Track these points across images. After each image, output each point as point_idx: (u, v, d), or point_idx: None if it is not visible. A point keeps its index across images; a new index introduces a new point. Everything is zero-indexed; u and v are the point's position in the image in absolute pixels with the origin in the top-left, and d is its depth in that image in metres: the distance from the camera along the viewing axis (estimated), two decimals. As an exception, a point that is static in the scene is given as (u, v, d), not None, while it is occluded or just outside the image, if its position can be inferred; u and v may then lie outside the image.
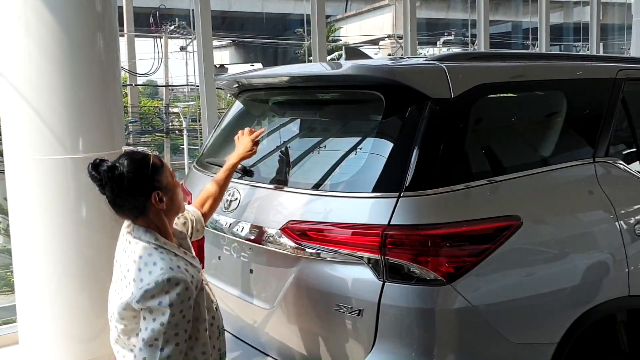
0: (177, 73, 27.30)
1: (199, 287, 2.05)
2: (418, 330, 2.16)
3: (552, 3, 10.49)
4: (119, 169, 2.01)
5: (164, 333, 1.92)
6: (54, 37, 3.74)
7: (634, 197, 2.74)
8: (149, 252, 2.01)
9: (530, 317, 2.32)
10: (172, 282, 1.92)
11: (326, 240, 2.30)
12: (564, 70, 2.79)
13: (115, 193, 2.02)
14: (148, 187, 2.03)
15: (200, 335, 2.08)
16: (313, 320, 2.39)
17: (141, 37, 21.06)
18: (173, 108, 22.12)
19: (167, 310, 1.91)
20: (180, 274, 1.96)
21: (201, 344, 2.09)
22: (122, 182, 2.00)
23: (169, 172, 2.12)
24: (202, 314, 2.08)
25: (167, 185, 2.09)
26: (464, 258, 2.18)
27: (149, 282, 1.93)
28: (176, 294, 1.92)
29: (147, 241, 2.04)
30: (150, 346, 1.93)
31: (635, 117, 2.92)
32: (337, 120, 2.74)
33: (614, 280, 2.54)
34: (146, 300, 1.92)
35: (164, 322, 1.92)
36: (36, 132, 3.78)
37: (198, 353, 2.08)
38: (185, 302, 1.95)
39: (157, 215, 2.08)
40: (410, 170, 2.22)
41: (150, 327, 1.93)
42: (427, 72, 2.41)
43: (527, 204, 2.39)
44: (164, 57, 19.26)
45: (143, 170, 2.04)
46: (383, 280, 2.18)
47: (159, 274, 1.94)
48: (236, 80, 3.03)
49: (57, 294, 3.89)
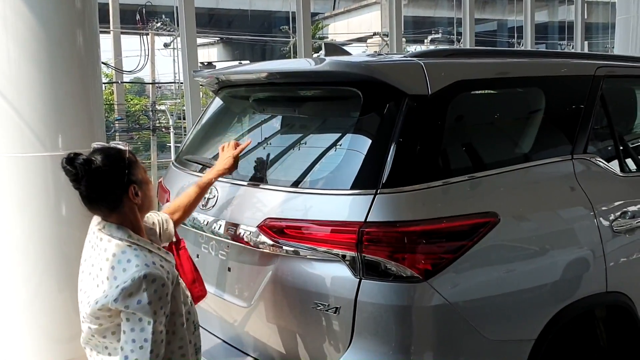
0: (165, 70, 27.18)
1: (175, 282, 2.02)
2: (395, 327, 2.15)
3: (537, 2, 10.54)
4: (95, 162, 1.97)
5: (152, 333, 1.88)
6: (32, 33, 3.70)
7: (612, 194, 2.75)
8: (122, 250, 1.97)
9: (507, 314, 2.32)
10: (149, 279, 1.89)
11: (303, 238, 2.29)
12: (542, 67, 2.79)
13: (91, 187, 1.97)
14: (125, 181, 2.00)
15: (177, 329, 2.06)
16: (290, 318, 2.38)
17: (127, 34, 20.94)
18: (160, 106, 22.00)
19: (148, 309, 1.88)
20: (156, 270, 1.93)
21: (178, 338, 2.06)
22: (98, 176, 1.96)
23: (142, 167, 2.10)
24: (178, 308, 2.05)
25: (141, 180, 2.07)
26: (441, 255, 2.17)
27: (125, 279, 1.89)
28: (154, 291, 1.89)
29: (120, 238, 2.00)
30: (141, 348, 1.89)
31: (614, 114, 2.93)
32: (315, 117, 2.72)
33: (592, 276, 2.55)
34: (125, 299, 1.88)
35: (150, 321, 1.88)
36: (15, 129, 3.74)
37: (175, 347, 2.05)
38: (164, 298, 1.92)
39: (131, 211, 2.05)
40: (387, 167, 2.21)
41: (139, 328, 1.89)
42: (404, 68, 2.41)
43: (505, 200, 2.39)
44: (150, 54, 19.15)
45: (119, 164, 2.01)
46: (359, 277, 2.17)
47: (134, 271, 1.90)
48: (215, 77, 3.00)
49: (37, 294, 3.85)
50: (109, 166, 1.99)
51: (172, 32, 19.15)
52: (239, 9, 24.53)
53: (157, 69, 20.52)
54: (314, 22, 22.34)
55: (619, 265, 2.65)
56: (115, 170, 1.99)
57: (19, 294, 3.88)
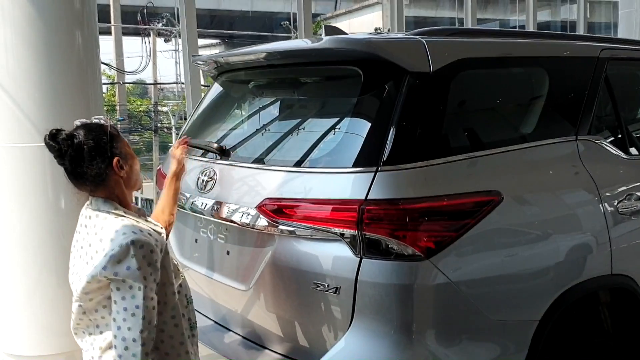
0: (167, 72, 27.18)
1: (164, 250, 2.00)
2: (396, 306, 2.11)
3: (539, 1, 10.51)
4: (78, 137, 1.97)
5: (143, 299, 1.87)
6: (30, 23, 3.68)
7: (617, 176, 2.71)
8: (109, 222, 1.96)
9: (510, 294, 2.28)
10: (137, 245, 1.88)
11: (303, 217, 2.25)
12: (546, 47, 2.75)
13: (75, 162, 1.97)
14: (108, 154, 2.00)
15: (169, 299, 2.03)
16: (290, 299, 2.34)
17: (129, 35, 20.95)
18: (162, 107, 22.01)
19: (138, 275, 1.86)
20: (143, 236, 1.91)
21: (170, 308, 2.04)
22: (82, 150, 1.96)
23: (126, 142, 2.10)
24: (169, 278, 2.03)
25: (126, 154, 2.07)
26: (443, 233, 2.13)
27: (113, 247, 1.88)
28: (142, 256, 1.88)
29: (107, 211, 2.00)
30: (133, 315, 1.87)
31: (619, 97, 2.88)
32: (315, 98, 2.69)
33: (597, 258, 2.50)
34: (113, 266, 1.86)
35: (140, 287, 1.87)
36: (13, 119, 3.73)
37: (167, 317, 2.03)
38: (153, 265, 1.90)
39: (117, 184, 2.04)
40: (388, 145, 2.17)
41: (129, 296, 1.88)
42: (405, 45, 2.37)
43: (509, 179, 2.35)
44: (152, 55, 19.16)
45: (102, 137, 2.01)
46: (360, 256, 2.13)
47: (122, 238, 1.89)
48: (214, 60, 2.97)
49: (36, 287, 3.82)
50: (92, 140, 1.98)
51: (173, 33, 19.16)
52: (241, 10, 24.55)
53: (159, 70, 20.54)
54: (315, 23, 22.32)
55: (624, 248, 2.61)
56: (98, 144, 1.99)
57: (17, 288, 3.85)
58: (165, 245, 2.03)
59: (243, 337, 2.58)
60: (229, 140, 2.79)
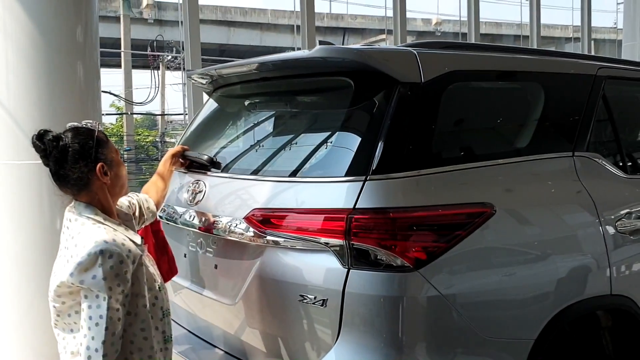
0: (175, 104, 27.45)
1: (137, 262, 1.97)
2: (385, 319, 2.04)
3: (543, 38, 10.57)
4: (64, 140, 1.98)
5: (107, 309, 1.86)
6: (33, 43, 3.71)
7: (614, 193, 2.66)
8: (86, 228, 1.96)
9: (504, 311, 2.20)
10: (105, 255, 1.87)
11: (290, 227, 2.20)
12: (542, 63, 2.72)
13: (59, 164, 1.98)
14: (93, 159, 2.00)
15: (139, 311, 2.00)
16: (276, 312, 2.27)
17: (139, 68, 21.20)
18: (170, 138, 22.13)
19: (102, 285, 1.85)
20: (114, 247, 1.89)
21: (140, 321, 2.00)
22: (66, 152, 1.97)
23: (113, 148, 2.10)
24: (141, 290, 2.00)
25: (112, 161, 2.07)
26: (433, 244, 2.07)
27: (82, 254, 1.87)
28: (109, 267, 1.86)
29: (87, 216, 2.00)
30: (97, 325, 1.87)
31: (617, 115, 2.84)
32: (306, 109, 2.67)
33: (595, 277, 2.43)
34: (80, 273, 1.86)
35: (105, 297, 1.86)
36: (10, 136, 3.72)
37: (137, 330, 1.99)
38: (121, 275, 1.88)
39: (100, 190, 2.04)
40: (378, 153, 2.13)
41: (95, 305, 1.87)
42: (397, 56, 2.34)
43: (501, 192, 2.30)
44: (160, 87, 19.36)
45: (88, 141, 2.01)
46: (348, 267, 2.07)
47: (92, 247, 1.88)
48: (209, 75, 2.96)
49: (29, 310, 3.76)
50: (78, 143, 1.99)
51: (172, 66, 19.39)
52: (249, 45, 24.85)
53: (167, 102, 20.72)
54: (323, 58, 22.49)
55: (624, 267, 2.53)
56: (83, 147, 1.99)
57: (10, 310, 3.78)
58: (140, 256, 2.00)
59: (229, 353, 2.50)
60: (220, 153, 2.76)
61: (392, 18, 7.94)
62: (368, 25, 25.40)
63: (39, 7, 3.76)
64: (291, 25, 25.26)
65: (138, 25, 21.26)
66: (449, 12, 26.23)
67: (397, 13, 7.83)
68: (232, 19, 24.53)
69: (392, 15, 8.00)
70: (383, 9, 24.11)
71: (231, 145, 2.77)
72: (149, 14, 21.93)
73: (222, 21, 23.35)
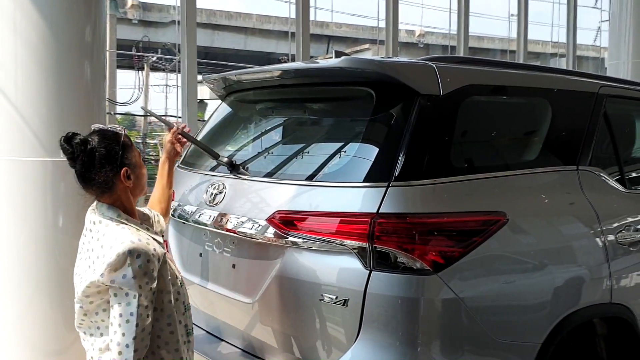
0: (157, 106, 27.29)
1: (162, 260, 2.04)
2: (403, 319, 2.14)
3: (529, 54, 10.81)
4: (91, 143, 2.05)
5: (137, 306, 1.93)
6: (43, 40, 3.72)
7: (615, 206, 2.79)
8: (110, 228, 2.03)
9: (515, 315, 2.31)
10: (133, 254, 1.93)
11: (314, 230, 2.28)
12: (549, 80, 2.85)
13: (85, 167, 2.05)
14: (118, 164, 2.07)
15: (165, 306, 2.07)
16: (296, 311, 2.35)
17: (124, 68, 21.08)
18: (151, 139, 22.00)
19: (133, 283, 1.92)
20: (141, 246, 1.96)
21: (166, 316, 2.08)
22: (93, 156, 2.04)
23: (137, 152, 2.17)
24: (166, 286, 2.08)
25: (135, 164, 2.14)
26: (452, 249, 2.17)
27: (111, 255, 1.94)
28: (138, 266, 1.93)
29: (110, 217, 2.06)
30: (127, 322, 1.93)
31: (617, 132, 2.99)
32: (326, 117, 2.75)
33: (597, 285, 2.56)
34: (110, 273, 1.92)
35: (135, 295, 1.93)
36: (18, 132, 3.73)
37: (163, 325, 2.07)
38: (149, 273, 1.96)
39: (123, 192, 2.11)
40: (400, 161, 2.23)
41: (125, 303, 1.94)
42: (417, 68, 2.45)
43: (513, 202, 2.41)
44: (144, 87, 19.28)
45: (114, 146, 2.08)
46: (370, 269, 2.17)
47: (120, 247, 1.94)
48: (225, 79, 3.03)
49: (29, 307, 3.77)
50: (104, 148, 2.06)
51: (167, 67, 19.34)
52: (234, 49, 24.86)
53: (150, 103, 20.62)
54: (307, 64, 22.52)
55: (623, 277, 2.66)
56: (109, 152, 2.06)
57: (9, 306, 3.79)
58: (164, 254, 2.08)
59: (245, 350, 2.57)
60: (239, 156, 2.83)
61: (385, 29, 8.06)
62: (353, 34, 25.61)
63: (50, 4, 3.78)
64: (276, 30, 25.38)
65: (122, 25, 21.18)
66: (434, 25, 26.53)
67: (389, 24, 7.96)
68: (217, 22, 24.54)
69: (376, 25, 8.12)
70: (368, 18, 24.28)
71: (250, 149, 2.84)
72: (134, 15, 21.86)
73: (207, 24, 23.32)
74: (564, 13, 10.56)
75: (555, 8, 18.51)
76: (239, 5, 52.30)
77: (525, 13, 9.37)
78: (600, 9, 19.75)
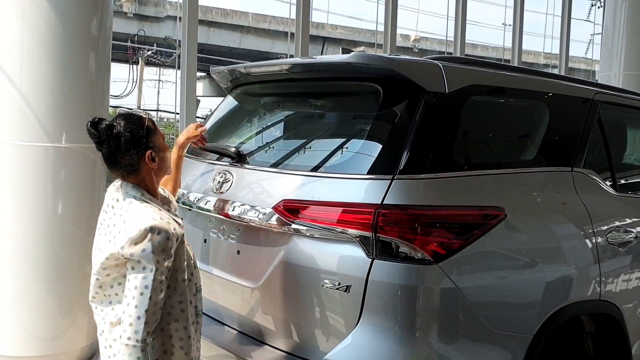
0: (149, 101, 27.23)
1: (180, 239, 2.14)
2: (403, 305, 2.23)
3: (522, 64, 10.97)
4: (117, 128, 2.13)
5: (153, 280, 2.02)
6: (49, 26, 3.77)
7: (607, 207, 2.90)
8: (134, 206, 2.12)
9: (509, 306, 2.41)
10: (155, 231, 2.03)
11: (319, 218, 2.37)
12: (547, 84, 2.96)
13: (111, 150, 2.14)
14: (142, 147, 2.16)
15: (179, 285, 2.17)
16: (299, 295, 2.43)
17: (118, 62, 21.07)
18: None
19: (151, 258, 2.01)
20: (162, 224, 2.05)
21: (179, 294, 2.17)
22: (119, 140, 2.13)
23: (160, 135, 2.25)
24: (181, 265, 2.17)
25: (159, 147, 2.22)
26: (452, 240, 2.27)
27: (133, 230, 2.04)
28: (158, 242, 2.02)
29: (134, 196, 2.15)
30: (142, 294, 2.02)
31: (609, 138, 3.10)
32: (334, 111, 2.84)
33: (587, 281, 2.66)
34: (130, 247, 2.02)
35: (152, 269, 2.02)
36: (21, 117, 3.77)
37: (175, 302, 2.17)
38: (167, 251, 2.04)
39: (147, 174, 2.20)
40: (405, 155, 2.32)
41: (141, 276, 2.03)
42: (424, 66, 2.54)
43: (511, 198, 2.51)
44: (138, 82, 19.30)
45: (139, 131, 2.17)
46: (372, 257, 2.25)
47: (142, 223, 2.04)
48: (232, 72, 3.11)
49: (25, 292, 3.81)
50: (129, 132, 2.15)
51: (167, 61, 19.37)
52: (228, 47, 24.88)
53: (143, 97, 20.64)
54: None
55: (611, 275, 2.77)
56: (134, 137, 2.15)
57: (6, 290, 3.83)
58: (182, 235, 2.16)
59: (248, 334, 2.64)
60: (246, 146, 2.91)
61: (383, 32, 8.15)
62: (348, 36, 25.72)
63: (59, -7, 3.83)
64: (272, 30, 25.45)
65: (117, 18, 21.16)
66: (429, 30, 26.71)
67: (387, 27, 8.06)
68: (213, 19, 24.56)
69: (372, 28, 8.19)
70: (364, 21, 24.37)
71: (257, 141, 2.92)
72: (129, 8, 21.85)
73: (202, 20, 23.37)
74: (557, 25, 10.75)
75: (549, 20, 18.76)
76: (235, 4, 52.29)
77: (520, 24, 9.52)
78: (593, 22, 20.03)
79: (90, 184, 3.90)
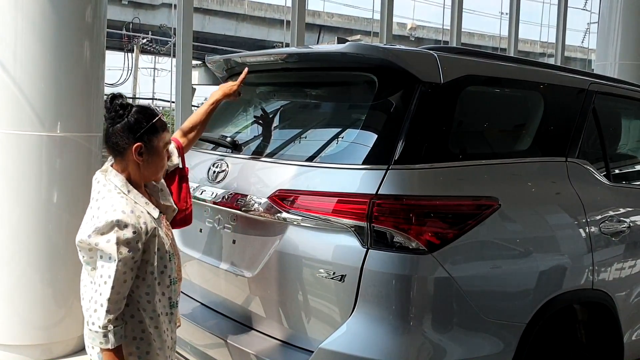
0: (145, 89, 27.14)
1: (151, 233, 2.15)
2: (397, 294, 2.24)
3: (518, 52, 10.97)
4: (128, 109, 2.16)
5: (115, 271, 2.05)
6: (43, 14, 3.75)
7: (600, 197, 2.92)
8: (110, 195, 2.14)
9: (503, 295, 2.43)
10: (121, 224, 2.05)
11: (314, 208, 2.37)
12: (542, 75, 2.97)
13: (110, 124, 2.17)
14: (136, 137, 2.16)
15: (147, 277, 2.18)
16: (294, 284, 2.44)
17: (114, 49, 20.99)
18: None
19: (114, 250, 2.04)
20: (130, 218, 2.08)
21: (146, 285, 2.19)
22: (121, 119, 2.15)
23: (163, 139, 2.24)
24: (150, 258, 2.18)
25: (152, 147, 2.20)
26: (446, 230, 2.28)
27: (101, 220, 2.07)
28: (123, 235, 2.05)
29: (114, 185, 2.17)
30: (105, 283, 2.06)
31: (604, 128, 3.11)
32: (329, 101, 2.84)
33: (580, 270, 2.69)
34: (96, 236, 2.06)
35: (115, 259, 2.05)
36: (14, 105, 3.76)
37: (142, 293, 2.18)
38: (132, 244, 2.07)
39: (133, 164, 2.20)
40: (400, 145, 2.33)
41: (106, 265, 2.06)
42: (420, 56, 2.54)
43: (505, 188, 2.52)
44: (134, 69, 19.21)
45: (142, 122, 2.17)
46: (367, 247, 2.26)
47: (110, 215, 2.07)
48: (228, 61, 3.10)
49: (19, 281, 3.83)
50: (134, 119, 2.16)
51: (162, 49, 19.30)
52: (224, 35, 24.81)
53: (139, 86, 20.57)
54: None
55: (604, 265, 2.80)
56: (135, 123, 2.16)
57: (1, 279, 3.85)
58: (154, 229, 2.17)
59: (243, 323, 2.66)
60: (241, 136, 2.92)
61: (379, 20, 8.14)
62: (344, 24, 25.68)
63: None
64: (268, 18, 25.36)
65: (112, 6, 21.03)
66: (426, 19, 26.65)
67: (384, 16, 8.04)
68: (208, 7, 24.45)
69: (369, 17, 8.18)
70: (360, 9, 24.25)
71: (252, 130, 2.92)
72: (125, -4, 21.72)
73: (197, 8, 23.26)
74: (554, 13, 10.74)
75: (546, 8, 18.75)
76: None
77: (516, 12, 9.50)
78: (590, 10, 20.01)
79: (85, 173, 3.90)
